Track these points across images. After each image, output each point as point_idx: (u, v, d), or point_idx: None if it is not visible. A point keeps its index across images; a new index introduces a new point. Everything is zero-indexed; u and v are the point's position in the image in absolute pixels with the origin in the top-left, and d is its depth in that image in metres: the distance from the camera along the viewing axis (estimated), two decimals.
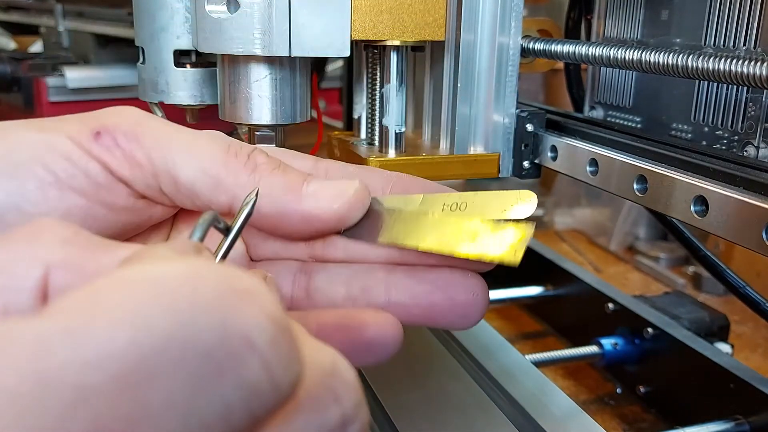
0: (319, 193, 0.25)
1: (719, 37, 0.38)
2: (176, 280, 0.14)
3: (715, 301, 0.79)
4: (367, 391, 0.43)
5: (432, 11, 0.37)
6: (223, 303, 0.14)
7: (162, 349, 0.13)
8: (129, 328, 0.13)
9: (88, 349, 0.12)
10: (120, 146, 0.24)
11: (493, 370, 0.45)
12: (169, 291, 0.13)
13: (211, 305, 0.13)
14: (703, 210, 0.31)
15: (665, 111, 0.43)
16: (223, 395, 0.13)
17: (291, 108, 0.37)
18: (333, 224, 0.25)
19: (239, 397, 0.13)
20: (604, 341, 0.59)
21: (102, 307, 0.13)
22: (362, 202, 0.25)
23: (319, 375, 0.16)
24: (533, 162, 0.42)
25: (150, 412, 0.12)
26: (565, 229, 1.03)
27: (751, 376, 0.48)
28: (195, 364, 0.13)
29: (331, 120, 0.92)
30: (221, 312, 0.13)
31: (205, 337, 0.13)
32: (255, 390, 0.13)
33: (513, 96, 0.41)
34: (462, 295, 0.25)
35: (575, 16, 0.50)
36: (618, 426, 0.55)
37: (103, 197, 0.24)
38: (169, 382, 0.13)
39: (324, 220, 0.25)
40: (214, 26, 0.34)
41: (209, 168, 0.24)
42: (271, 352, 0.14)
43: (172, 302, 0.13)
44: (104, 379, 0.12)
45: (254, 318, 0.14)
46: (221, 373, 0.13)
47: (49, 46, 0.93)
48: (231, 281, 0.14)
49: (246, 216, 0.22)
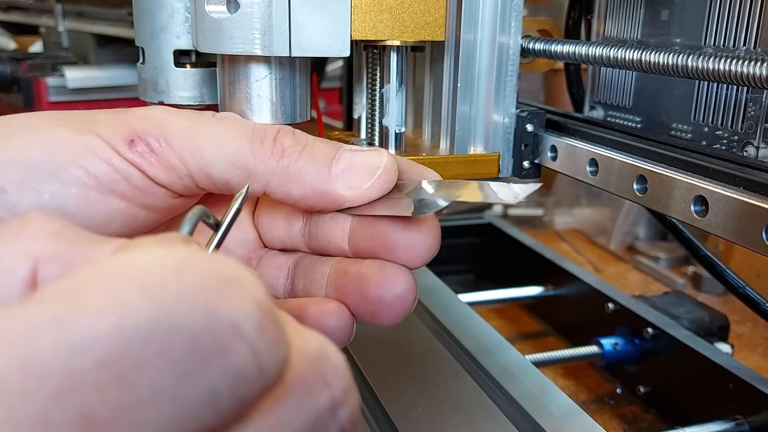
0: (348, 173, 0.24)
1: (719, 37, 0.38)
2: (162, 267, 0.14)
3: (715, 301, 0.79)
4: (368, 391, 0.43)
5: (432, 11, 0.37)
6: (210, 289, 0.14)
7: (148, 335, 0.13)
8: (115, 314, 0.13)
9: (74, 335, 0.12)
10: (154, 152, 0.24)
11: (493, 370, 0.45)
12: (155, 277, 0.13)
13: (197, 291, 0.13)
14: (703, 210, 0.31)
15: (665, 111, 0.43)
16: (210, 381, 0.13)
17: (291, 108, 0.37)
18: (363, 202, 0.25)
19: (226, 382, 0.13)
20: (604, 341, 0.59)
21: (88, 294, 0.13)
22: (392, 179, 0.25)
23: (307, 360, 0.16)
24: (533, 162, 0.42)
25: (137, 398, 0.12)
26: (565, 229, 1.03)
27: (750, 376, 0.48)
28: (181, 350, 0.13)
29: (331, 120, 0.92)
30: (208, 298, 0.13)
31: (191, 322, 0.13)
32: (242, 376, 0.13)
33: (513, 96, 0.41)
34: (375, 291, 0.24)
35: (575, 16, 0.50)
36: (618, 426, 0.55)
37: (144, 200, 0.24)
38: (156, 368, 0.13)
39: (355, 200, 0.25)
40: (214, 26, 0.34)
41: (238, 160, 0.24)
42: (258, 337, 0.14)
43: (157, 288, 0.13)
44: (91, 365, 0.12)
45: (241, 304, 0.14)
46: (208, 359, 0.13)
47: (49, 46, 0.93)
48: (218, 268, 0.14)
49: (234, 212, 0.22)
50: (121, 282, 0.13)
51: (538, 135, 0.42)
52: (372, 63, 0.41)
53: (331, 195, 0.24)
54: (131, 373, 0.12)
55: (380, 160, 0.25)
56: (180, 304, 0.13)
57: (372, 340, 0.48)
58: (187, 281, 0.14)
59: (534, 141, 0.42)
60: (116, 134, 0.24)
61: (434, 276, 0.62)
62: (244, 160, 0.24)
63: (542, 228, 1.04)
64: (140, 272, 0.14)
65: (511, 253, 0.78)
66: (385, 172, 0.25)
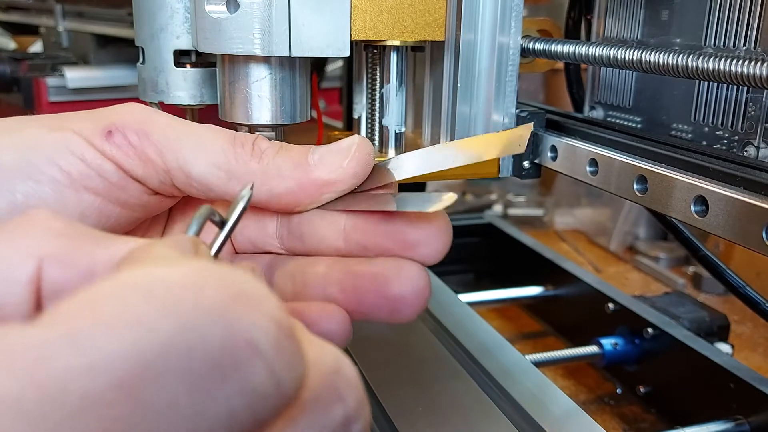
0: (325, 158, 0.25)
1: (719, 37, 0.38)
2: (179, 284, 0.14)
3: (715, 301, 0.79)
4: (368, 391, 0.43)
5: (432, 11, 0.37)
6: (227, 307, 0.13)
7: (166, 354, 0.12)
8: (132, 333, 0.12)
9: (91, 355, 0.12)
10: (132, 144, 0.24)
11: (493, 370, 0.45)
12: (172, 295, 0.13)
13: (215, 309, 0.13)
14: (703, 210, 0.31)
15: (665, 111, 0.43)
16: (228, 400, 0.13)
17: (291, 108, 0.37)
18: (348, 183, 0.25)
19: (244, 401, 0.13)
20: (604, 341, 0.59)
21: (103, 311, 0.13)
22: (368, 152, 0.25)
23: (323, 375, 0.16)
24: (533, 162, 0.42)
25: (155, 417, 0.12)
26: (565, 229, 1.03)
27: (751, 376, 0.48)
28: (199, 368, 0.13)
29: (331, 120, 0.92)
30: (225, 316, 0.13)
31: (209, 341, 0.13)
32: (259, 394, 0.13)
33: (513, 96, 0.41)
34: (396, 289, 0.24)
35: (575, 16, 0.50)
36: (618, 426, 0.55)
37: (118, 196, 0.24)
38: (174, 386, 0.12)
39: (339, 181, 0.25)
40: (214, 26, 0.34)
41: (220, 161, 0.24)
42: (275, 356, 0.14)
43: (175, 306, 0.13)
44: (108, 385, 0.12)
45: (259, 322, 0.14)
46: (226, 377, 0.13)
47: (49, 46, 0.93)
48: (235, 285, 0.14)
49: (242, 209, 0.22)
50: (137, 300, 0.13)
51: (538, 135, 0.42)
52: (372, 63, 0.41)
53: (314, 182, 0.25)
54: (149, 392, 0.12)
55: (352, 140, 0.25)
56: (198, 323, 0.13)
57: (372, 341, 0.48)
58: (204, 298, 0.13)
59: (534, 141, 0.42)
60: (94, 128, 0.24)
61: (434, 276, 0.62)
62: (226, 162, 0.24)
63: (542, 228, 1.04)
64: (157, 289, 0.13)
65: (511, 253, 0.78)
66: (359, 148, 0.25)
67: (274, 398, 0.14)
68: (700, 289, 0.82)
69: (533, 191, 1.13)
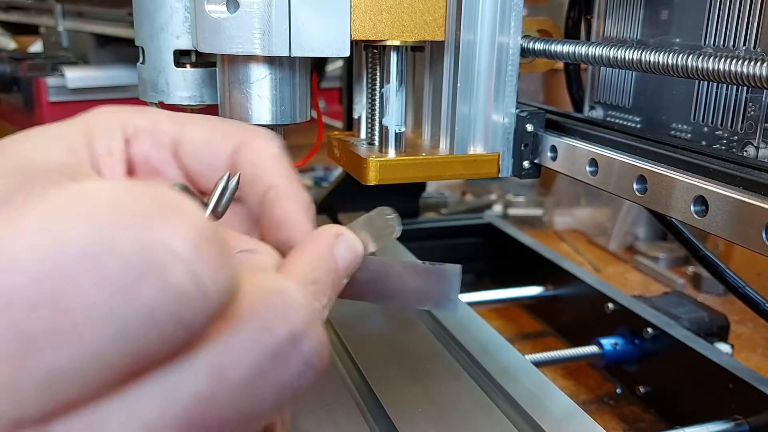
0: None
1: (719, 37, 0.38)
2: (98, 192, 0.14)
3: (715, 301, 0.79)
4: (368, 391, 0.43)
5: (432, 11, 0.37)
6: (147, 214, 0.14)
7: (80, 254, 0.13)
8: (49, 235, 0.13)
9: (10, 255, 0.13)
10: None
11: (493, 370, 0.45)
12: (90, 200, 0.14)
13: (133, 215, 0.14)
14: (703, 210, 0.31)
15: (665, 111, 0.43)
16: (147, 300, 0.13)
17: (291, 108, 0.37)
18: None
19: (164, 303, 0.13)
20: (604, 341, 0.59)
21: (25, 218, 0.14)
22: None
23: (263, 293, 0.16)
24: (533, 162, 0.42)
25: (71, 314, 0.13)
26: (565, 229, 1.03)
27: (751, 376, 0.48)
28: (114, 268, 0.13)
29: (331, 120, 0.92)
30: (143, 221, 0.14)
31: (124, 242, 0.13)
32: (181, 297, 0.14)
33: (513, 96, 0.41)
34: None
35: (575, 16, 0.50)
36: (618, 426, 0.55)
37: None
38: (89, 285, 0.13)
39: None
40: (214, 26, 0.34)
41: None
42: (195, 258, 0.14)
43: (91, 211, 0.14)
44: (25, 283, 0.13)
45: (178, 227, 0.14)
46: (142, 276, 0.13)
47: (49, 46, 0.93)
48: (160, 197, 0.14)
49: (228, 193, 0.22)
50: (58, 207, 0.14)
51: (537, 135, 0.42)
52: (372, 63, 0.41)
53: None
54: (65, 290, 0.13)
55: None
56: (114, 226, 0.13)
57: (372, 340, 0.48)
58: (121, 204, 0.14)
59: (534, 141, 0.42)
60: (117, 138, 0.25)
61: None
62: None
63: (542, 228, 1.04)
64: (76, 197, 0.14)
65: (511, 253, 0.78)
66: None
67: (199, 301, 0.14)
68: (699, 289, 0.82)
69: (533, 191, 1.13)
